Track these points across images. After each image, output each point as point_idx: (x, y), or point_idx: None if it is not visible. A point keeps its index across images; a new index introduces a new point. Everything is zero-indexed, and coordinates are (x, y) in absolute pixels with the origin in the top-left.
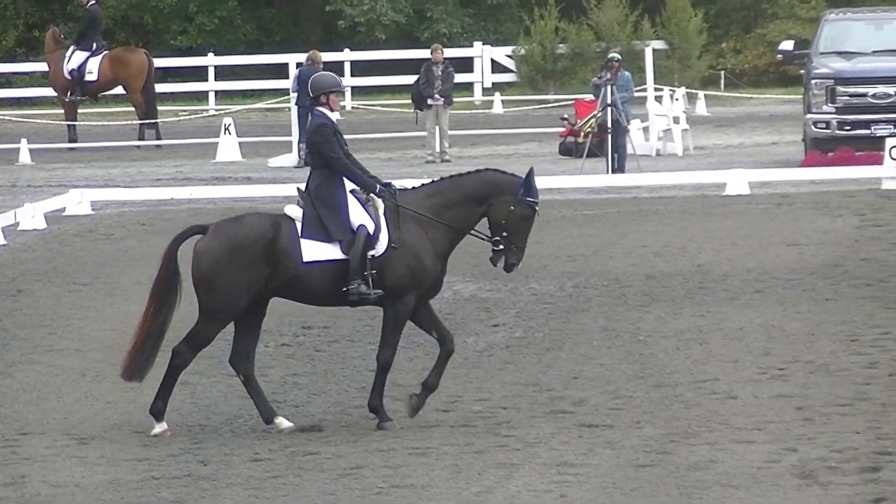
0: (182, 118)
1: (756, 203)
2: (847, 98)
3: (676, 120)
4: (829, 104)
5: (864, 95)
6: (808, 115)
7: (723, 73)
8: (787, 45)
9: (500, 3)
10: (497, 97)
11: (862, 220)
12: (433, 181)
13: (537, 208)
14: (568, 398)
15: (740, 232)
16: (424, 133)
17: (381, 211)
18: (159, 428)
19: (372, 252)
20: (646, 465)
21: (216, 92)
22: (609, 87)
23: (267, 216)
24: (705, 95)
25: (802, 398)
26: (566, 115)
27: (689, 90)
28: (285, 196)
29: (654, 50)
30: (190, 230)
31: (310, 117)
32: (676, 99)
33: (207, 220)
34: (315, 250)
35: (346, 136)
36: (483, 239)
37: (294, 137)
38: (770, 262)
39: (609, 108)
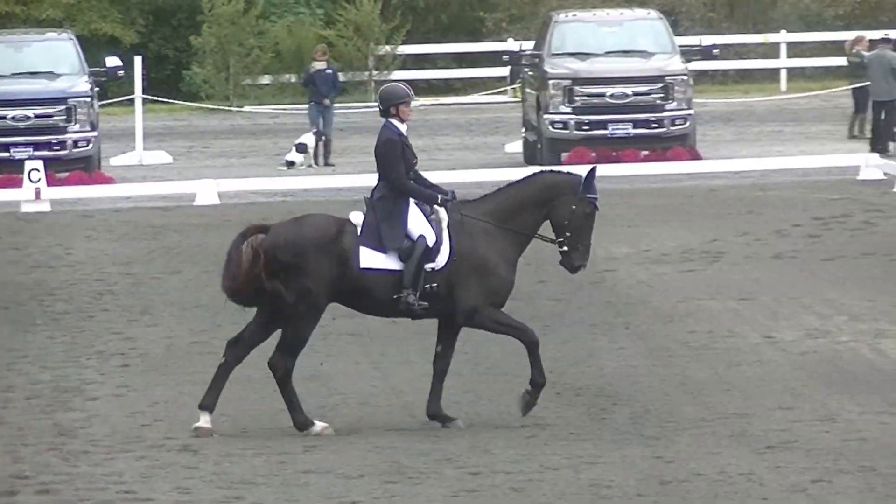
0: None
1: None
2: None
3: None
4: None
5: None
6: None
7: None
8: None
9: None
10: None
11: None
12: (490, 192)
13: (598, 204)
14: None
15: None
16: None
17: (444, 224)
18: (319, 426)
19: (432, 265)
20: None
21: None
22: None
23: (330, 217)
24: None
25: None
26: None
27: None
28: None
29: None
30: (252, 229)
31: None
32: None
33: None
34: (371, 258)
35: None
36: (549, 241)
37: None
38: None
39: None
